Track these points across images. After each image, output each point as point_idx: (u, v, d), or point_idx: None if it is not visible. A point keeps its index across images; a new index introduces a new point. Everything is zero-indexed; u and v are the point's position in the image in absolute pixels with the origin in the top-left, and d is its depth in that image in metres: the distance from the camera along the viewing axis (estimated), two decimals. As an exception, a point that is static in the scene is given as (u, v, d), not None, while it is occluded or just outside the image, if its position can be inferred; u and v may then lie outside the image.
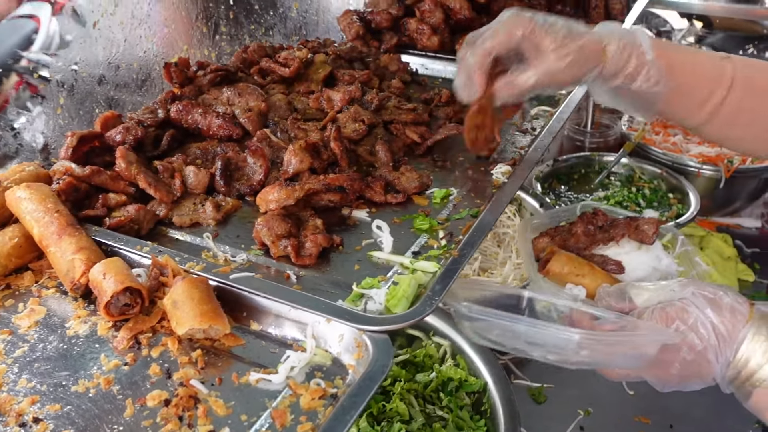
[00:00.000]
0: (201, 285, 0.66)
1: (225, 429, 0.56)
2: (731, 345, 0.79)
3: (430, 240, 0.81)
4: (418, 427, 0.96)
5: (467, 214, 0.85)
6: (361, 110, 1.02)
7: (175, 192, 0.84)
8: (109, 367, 0.63)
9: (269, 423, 0.57)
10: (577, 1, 1.58)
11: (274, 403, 0.59)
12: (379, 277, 0.73)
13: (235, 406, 0.59)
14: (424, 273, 0.73)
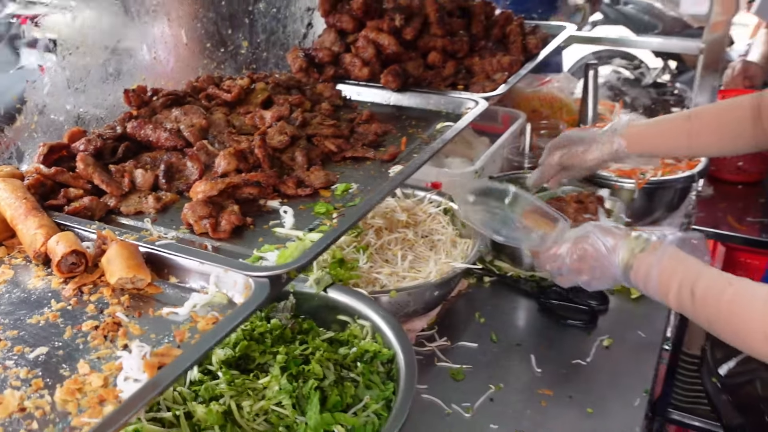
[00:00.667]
0: (130, 246, 0.86)
1: (136, 341, 0.75)
2: (616, 252, 1.18)
3: (325, 220, 1.01)
4: (329, 383, 1.14)
5: (359, 201, 1.05)
6: (287, 125, 1.23)
7: (123, 188, 1.05)
8: (57, 308, 0.82)
9: (171, 338, 0.76)
10: (498, 38, 1.81)
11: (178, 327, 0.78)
12: (278, 245, 0.93)
13: (147, 330, 0.78)
14: (311, 241, 0.93)
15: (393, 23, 1.62)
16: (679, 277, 1.09)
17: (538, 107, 2.37)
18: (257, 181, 1.06)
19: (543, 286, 1.71)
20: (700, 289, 1.05)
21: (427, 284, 1.47)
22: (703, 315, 1.06)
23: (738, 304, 1.01)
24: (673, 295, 1.09)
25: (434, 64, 1.64)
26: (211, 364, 1.19)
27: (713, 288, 1.05)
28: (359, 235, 1.67)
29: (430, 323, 1.60)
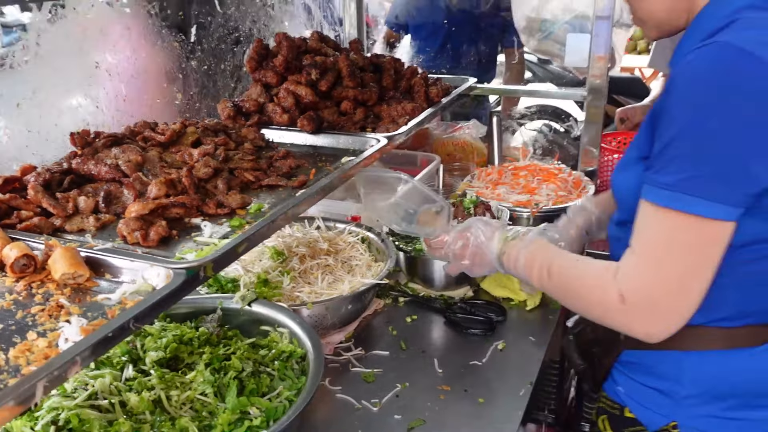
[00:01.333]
0: (72, 249, 1.06)
1: (75, 317, 0.94)
2: (492, 240, 1.41)
3: (238, 230, 1.22)
4: (246, 374, 1.33)
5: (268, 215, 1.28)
6: (211, 159, 1.45)
7: (68, 210, 1.25)
8: (10, 299, 1.01)
9: (104, 314, 0.96)
10: (405, 89, 2.09)
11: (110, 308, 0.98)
12: (196, 249, 1.14)
13: (85, 311, 0.97)
14: (218, 247, 1.14)
15: (310, 77, 1.87)
16: (539, 258, 1.30)
17: (452, 151, 2.66)
18: (183, 203, 1.27)
19: (450, 303, 1.95)
20: (555, 268, 1.26)
21: (341, 297, 1.69)
22: (557, 290, 1.27)
23: (580, 278, 1.21)
24: (535, 274, 1.30)
25: (346, 111, 1.89)
26: (144, 364, 1.37)
27: (564, 266, 1.25)
28: (284, 262, 1.89)
29: (347, 336, 1.80)
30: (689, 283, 1.08)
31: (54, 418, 1.17)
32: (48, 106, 1.40)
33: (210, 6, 1.84)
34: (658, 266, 1.09)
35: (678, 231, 1.07)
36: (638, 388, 1.31)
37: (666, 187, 1.06)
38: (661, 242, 1.09)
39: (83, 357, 0.86)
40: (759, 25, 1.08)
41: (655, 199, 1.08)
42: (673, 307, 1.10)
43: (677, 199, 1.05)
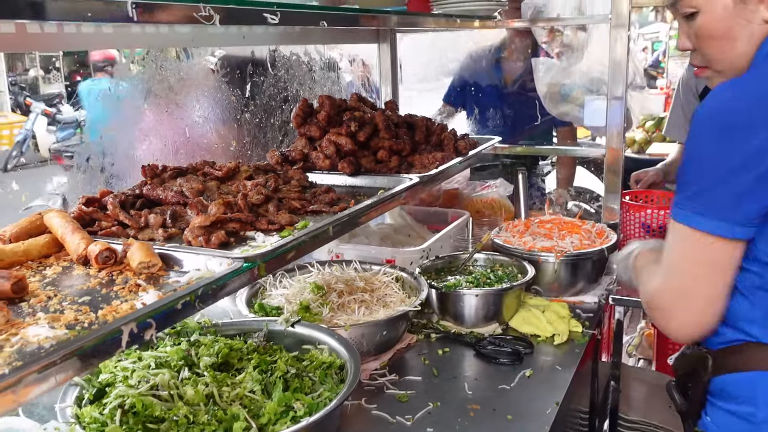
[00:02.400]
0: (147, 244, 1.23)
1: (152, 290, 1.11)
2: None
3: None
4: (291, 376, 1.46)
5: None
6: (263, 188, 1.64)
7: (140, 223, 1.43)
8: (95, 282, 1.18)
9: (174, 291, 1.11)
10: (436, 143, 2.29)
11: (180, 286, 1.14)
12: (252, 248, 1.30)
13: (159, 288, 1.14)
14: (271, 245, 1.30)
15: (350, 129, 2.09)
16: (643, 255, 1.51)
17: (480, 208, 2.82)
18: (239, 218, 1.45)
19: (480, 338, 2.05)
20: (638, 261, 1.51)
21: (376, 322, 1.82)
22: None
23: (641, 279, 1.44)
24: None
25: (382, 159, 2.09)
26: (198, 368, 1.51)
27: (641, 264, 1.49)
28: (324, 296, 2.03)
29: (382, 365, 1.91)
30: (693, 291, 1.22)
31: (120, 402, 1.30)
32: (125, 141, 1.62)
33: (263, 68, 2.10)
34: (666, 274, 1.26)
35: (683, 243, 1.22)
36: (721, 415, 1.32)
37: (676, 203, 1.23)
38: (670, 253, 1.26)
39: (159, 315, 1.01)
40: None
41: (672, 214, 1.24)
42: (682, 312, 1.24)
43: (682, 215, 1.21)
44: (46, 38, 1.39)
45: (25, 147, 11.79)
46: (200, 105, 1.84)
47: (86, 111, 1.44)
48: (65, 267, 1.27)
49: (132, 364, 1.47)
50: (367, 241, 2.51)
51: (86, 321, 1.00)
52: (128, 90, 1.62)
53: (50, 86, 15.55)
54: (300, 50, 2.26)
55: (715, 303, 1.22)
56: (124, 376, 1.42)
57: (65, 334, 0.95)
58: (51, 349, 0.89)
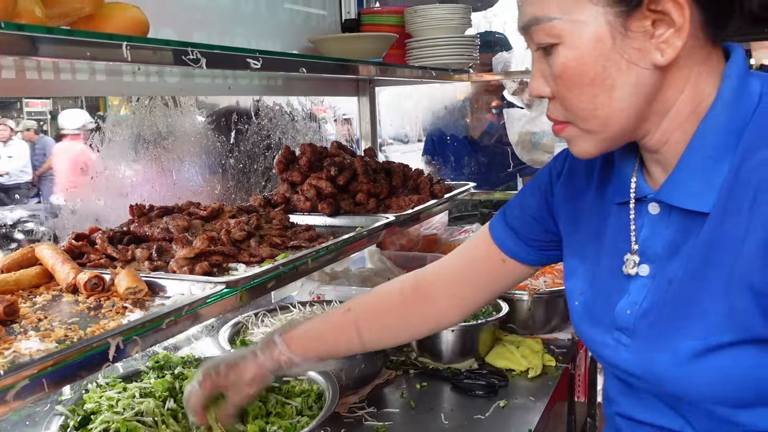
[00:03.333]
0: (133, 270, 1.31)
1: (137, 313, 1.17)
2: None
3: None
4: (272, 404, 1.51)
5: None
6: (245, 225, 1.73)
7: (128, 257, 1.51)
8: (83, 306, 1.24)
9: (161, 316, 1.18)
10: (413, 188, 2.39)
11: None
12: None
13: (145, 312, 1.20)
14: (253, 273, 1.38)
15: (330, 173, 2.19)
16: None
17: (458, 252, 2.91)
18: (222, 251, 1.53)
19: (457, 372, 2.11)
20: None
21: (355, 356, 1.87)
22: None
23: None
24: None
25: (361, 202, 2.19)
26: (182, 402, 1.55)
27: None
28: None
29: (361, 399, 1.96)
30: None
31: (106, 428, 1.35)
32: (115, 182, 1.71)
33: (247, 116, 2.21)
34: None
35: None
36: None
37: None
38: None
39: (144, 331, 1.08)
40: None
41: None
42: None
43: None
44: (42, 84, 1.49)
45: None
46: (186, 150, 1.94)
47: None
48: (55, 295, 1.34)
49: (117, 393, 1.51)
50: (348, 283, 2.58)
51: (75, 337, 1.07)
52: (121, 133, 1.72)
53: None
54: (283, 101, 2.38)
55: None
56: (109, 404, 1.46)
57: (55, 347, 1.01)
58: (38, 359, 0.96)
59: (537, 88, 0.95)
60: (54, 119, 16.93)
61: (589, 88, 0.87)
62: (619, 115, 0.89)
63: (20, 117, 16.79)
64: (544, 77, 0.93)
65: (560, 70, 0.89)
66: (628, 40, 0.85)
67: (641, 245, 0.98)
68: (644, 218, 0.98)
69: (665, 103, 0.90)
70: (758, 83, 0.89)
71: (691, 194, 0.89)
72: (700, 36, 0.87)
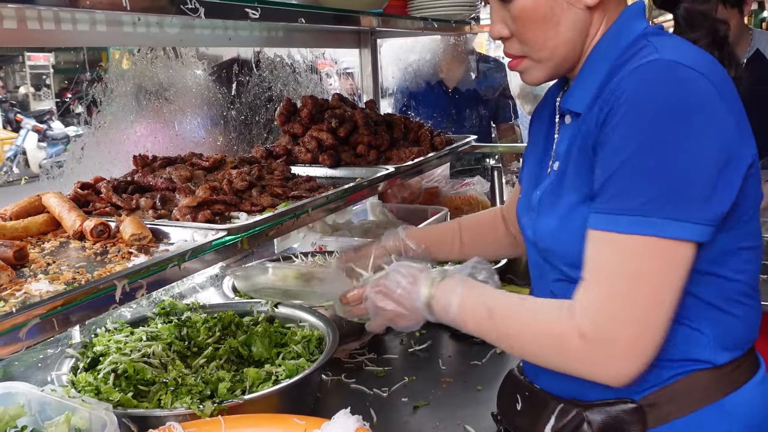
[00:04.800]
0: (138, 218, 1.34)
1: (142, 258, 1.21)
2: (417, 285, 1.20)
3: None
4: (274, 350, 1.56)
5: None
6: (246, 175, 1.75)
7: (132, 206, 1.54)
8: (90, 251, 1.28)
9: (164, 260, 1.22)
10: (413, 140, 2.41)
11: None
12: (235, 226, 1.41)
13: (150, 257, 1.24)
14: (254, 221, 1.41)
15: (330, 125, 2.21)
16: (475, 299, 1.13)
17: (459, 205, 2.94)
18: (224, 200, 1.56)
19: (455, 321, 2.16)
20: (497, 309, 1.10)
21: (355, 303, 1.92)
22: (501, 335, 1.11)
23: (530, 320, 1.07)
24: (470, 317, 1.13)
25: (361, 154, 2.20)
26: (190, 343, 1.61)
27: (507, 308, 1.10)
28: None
29: (362, 345, 2.01)
30: (655, 312, 0.98)
31: (113, 368, 1.40)
32: (118, 133, 1.73)
33: (248, 68, 2.22)
34: (620, 297, 0.98)
35: (640, 257, 0.97)
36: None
37: (625, 212, 0.97)
38: (621, 271, 0.98)
39: (150, 275, 1.12)
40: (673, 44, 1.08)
41: (611, 226, 0.98)
42: (640, 341, 0.98)
43: (639, 223, 0.95)
44: (43, 34, 1.50)
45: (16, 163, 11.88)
46: (188, 101, 1.96)
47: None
48: (62, 242, 1.38)
49: (125, 337, 1.57)
50: (350, 235, 2.62)
51: (83, 279, 1.11)
52: (126, 84, 1.73)
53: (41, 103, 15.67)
54: (284, 53, 2.38)
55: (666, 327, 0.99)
56: (117, 347, 1.52)
57: (64, 288, 1.06)
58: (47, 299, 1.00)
59: (498, 31, 1.19)
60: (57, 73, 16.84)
61: (541, 24, 1.13)
62: (564, 45, 1.14)
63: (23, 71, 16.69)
64: (504, 21, 1.17)
65: (518, 12, 1.13)
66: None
67: (556, 148, 1.23)
68: (562, 128, 1.22)
69: (589, 37, 1.16)
70: (642, 25, 1.13)
71: (575, 101, 1.15)
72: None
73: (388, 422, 1.60)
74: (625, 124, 0.99)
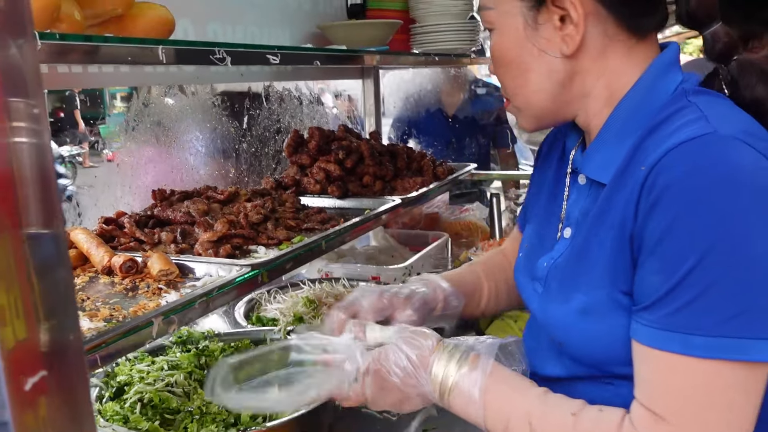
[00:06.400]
0: (164, 255, 1.41)
1: (173, 294, 1.28)
2: (424, 369, 1.02)
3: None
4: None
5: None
6: (261, 209, 1.83)
7: (154, 240, 1.61)
8: (121, 287, 1.35)
9: (196, 297, 1.29)
10: (416, 169, 2.49)
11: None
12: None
13: (179, 292, 1.31)
14: (274, 255, 1.49)
15: (338, 156, 2.29)
16: (513, 408, 0.97)
17: (459, 230, 3.03)
18: (242, 234, 1.63)
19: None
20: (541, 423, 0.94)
21: (364, 330, 1.99)
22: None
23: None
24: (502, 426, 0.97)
25: (367, 184, 2.29)
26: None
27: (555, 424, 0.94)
28: (315, 309, 2.21)
29: (370, 370, 2.08)
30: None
31: (140, 397, 1.46)
32: (137, 168, 1.81)
33: (258, 101, 2.30)
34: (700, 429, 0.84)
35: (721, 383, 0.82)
36: None
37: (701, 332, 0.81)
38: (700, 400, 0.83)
39: (181, 311, 1.19)
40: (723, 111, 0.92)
41: (685, 349, 0.83)
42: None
43: (722, 347, 0.81)
44: (70, 77, 1.57)
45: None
46: (203, 136, 2.04)
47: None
48: (91, 277, 1.44)
49: (147, 366, 1.63)
50: (354, 261, 2.70)
51: (120, 316, 1.18)
52: (143, 122, 1.81)
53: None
54: (291, 86, 2.47)
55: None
56: (140, 376, 1.58)
57: (104, 326, 1.12)
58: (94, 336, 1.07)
59: (491, 68, 1.12)
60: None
61: (509, 69, 1.04)
62: (536, 95, 1.03)
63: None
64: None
65: (492, 52, 1.06)
66: (538, 31, 0.99)
67: (567, 211, 1.10)
68: (574, 187, 1.10)
69: (584, 88, 1.01)
70: (679, 78, 0.98)
71: (598, 167, 1.01)
72: (617, 33, 0.98)
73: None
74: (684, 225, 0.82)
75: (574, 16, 0.95)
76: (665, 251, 0.84)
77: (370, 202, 2.12)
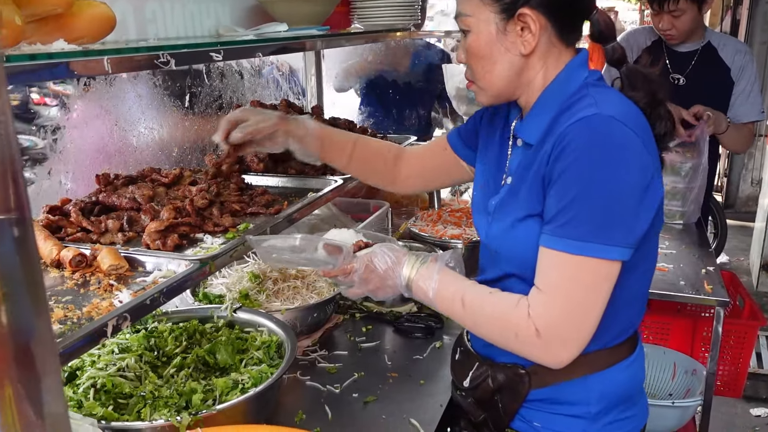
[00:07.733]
0: (113, 249, 1.46)
1: (124, 290, 1.34)
2: (400, 266, 1.41)
3: (229, 240, 1.64)
4: (236, 357, 1.72)
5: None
6: (206, 193, 1.88)
7: (101, 229, 1.65)
8: (71, 283, 1.40)
9: (143, 290, 1.35)
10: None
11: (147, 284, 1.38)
12: (203, 251, 1.55)
13: (129, 288, 1.37)
14: (220, 247, 1.55)
15: (280, 134, 2.33)
16: (452, 288, 1.36)
17: (399, 199, 3.13)
18: (188, 222, 1.69)
19: (398, 316, 2.36)
20: (468, 299, 1.34)
21: (308, 305, 2.10)
22: (470, 321, 1.36)
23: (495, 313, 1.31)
24: (447, 303, 1.37)
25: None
26: (159, 353, 1.75)
27: (477, 299, 1.34)
28: (260, 283, 2.29)
29: (313, 342, 2.19)
30: (590, 316, 1.25)
31: (93, 383, 1.53)
32: (80, 153, 1.82)
33: (200, 79, 2.31)
34: (566, 304, 1.24)
35: (583, 273, 1.23)
36: (554, 418, 1.43)
37: (575, 237, 1.21)
38: (568, 283, 1.24)
39: (134, 310, 1.26)
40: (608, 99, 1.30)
41: (564, 247, 1.22)
42: (579, 337, 1.27)
43: (584, 247, 1.21)
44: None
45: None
46: (145, 116, 2.05)
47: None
48: (40, 270, 1.48)
49: (97, 350, 1.69)
50: (296, 230, 2.77)
51: (74, 317, 1.24)
52: (83, 106, 1.81)
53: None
54: (233, 61, 2.47)
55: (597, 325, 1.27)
56: (91, 361, 1.64)
57: (60, 329, 1.18)
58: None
59: (459, 57, 1.44)
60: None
61: (481, 61, 1.37)
62: (499, 80, 1.38)
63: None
64: (464, 49, 1.41)
65: (468, 47, 1.38)
66: (506, 36, 1.34)
67: (509, 165, 1.46)
68: (514, 148, 1.46)
69: (528, 78, 1.38)
70: (584, 75, 1.36)
71: (528, 133, 1.39)
72: (556, 41, 1.36)
73: (341, 418, 1.80)
74: (573, 169, 1.23)
75: (533, 27, 1.32)
76: (560, 185, 1.24)
77: (312, 182, 2.19)
